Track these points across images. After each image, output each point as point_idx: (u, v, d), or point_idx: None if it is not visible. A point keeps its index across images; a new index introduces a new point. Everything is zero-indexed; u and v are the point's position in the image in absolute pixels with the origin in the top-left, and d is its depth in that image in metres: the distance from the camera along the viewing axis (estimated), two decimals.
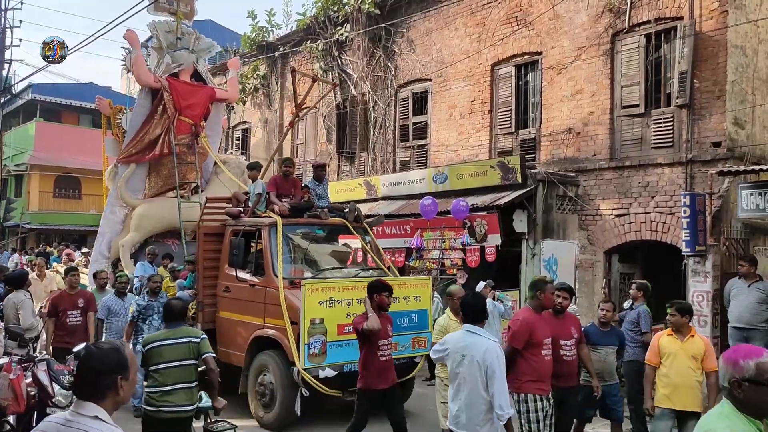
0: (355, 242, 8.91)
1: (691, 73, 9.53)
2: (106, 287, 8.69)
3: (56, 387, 5.60)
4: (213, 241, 8.53)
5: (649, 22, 10.18)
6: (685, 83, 9.54)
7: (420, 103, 14.21)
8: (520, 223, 10.47)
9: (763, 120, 10.10)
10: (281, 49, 17.32)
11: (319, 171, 8.84)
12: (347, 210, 8.50)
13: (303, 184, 8.85)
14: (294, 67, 10.83)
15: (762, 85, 10.09)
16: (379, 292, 5.81)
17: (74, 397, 2.33)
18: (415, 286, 7.71)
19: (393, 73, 14.54)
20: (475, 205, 10.54)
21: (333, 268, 8.01)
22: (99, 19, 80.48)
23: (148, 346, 4.86)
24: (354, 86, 15.30)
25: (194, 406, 4.91)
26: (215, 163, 12.15)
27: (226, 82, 14.15)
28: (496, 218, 10.33)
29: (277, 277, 7.30)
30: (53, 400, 5.51)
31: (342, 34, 15.15)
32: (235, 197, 8.88)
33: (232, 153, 17.63)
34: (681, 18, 9.79)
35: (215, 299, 8.32)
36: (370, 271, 8.18)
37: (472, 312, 4.48)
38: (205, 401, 5.14)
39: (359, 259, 8.98)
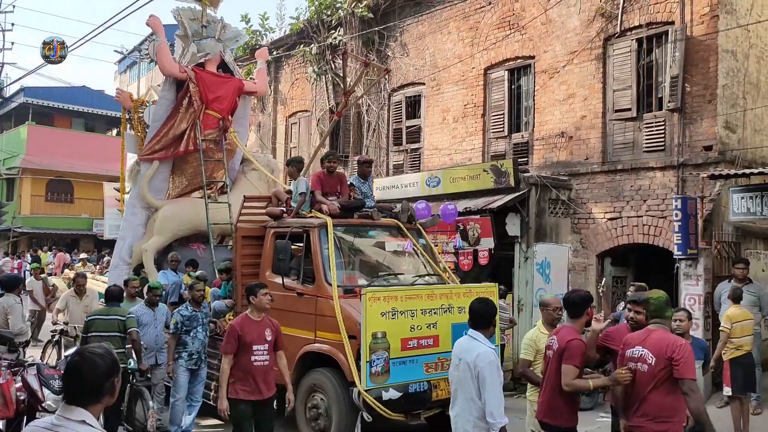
0: (394, 244, 7.91)
1: (683, 78, 9.59)
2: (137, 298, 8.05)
3: (46, 392, 5.56)
4: (252, 245, 7.74)
5: (640, 26, 10.24)
6: (676, 87, 9.59)
7: (413, 106, 14.24)
8: (513, 227, 10.48)
9: (754, 124, 10.17)
10: (275, 53, 17.32)
11: (365, 167, 8.05)
12: (398, 209, 7.75)
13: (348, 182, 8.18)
14: (345, 50, 9.86)
15: (753, 89, 10.16)
16: (255, 293, 5.49)
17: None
18: (481, 293, 6.85)
19: (386, 76, 14.55)
20: (468, 209, 10.56)
21: (389, 275, 7.27)
22: (90, 22, 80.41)
23: (88, 318, 6.68)
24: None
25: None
26: (242, 161, 11.31)
27: (253, 75, 13.01)
28: (489, 222, 10.34)
29: (330, 284, 6.53)
30: (43, 404, 5.48)
31: (335, 38, 15.17)
32: (275, 196, 8.19)
33: (258, 150, 16.50)
34: (672, 23, 9.85)
35: None
36: (426, 277, 7.40)
37: (476, 317, 4.36)
38: (133, 365, 6.73)
39: (402, 264, 8.00)
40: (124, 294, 7.80)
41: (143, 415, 6.63)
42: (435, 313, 6.44)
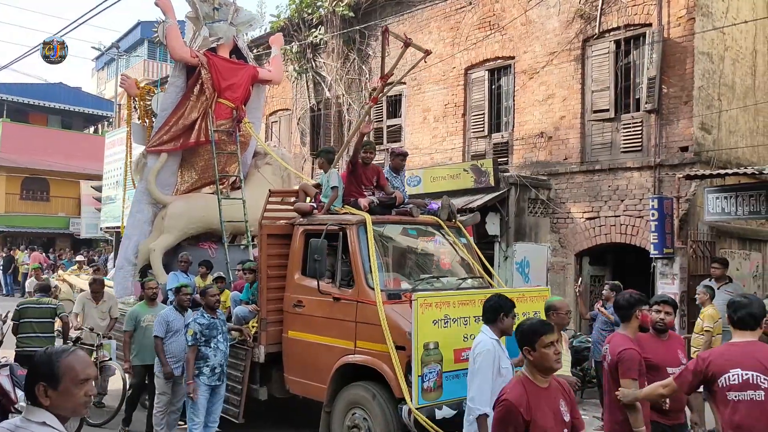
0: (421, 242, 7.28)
1: (660, 79, 9.71)
2: (157, 301, 7.47)
3: (20, 393, 5.46)
4: (278, 244, 6.96)
5: (618, 28, 10.35)
6: (653, 89, 9.71)
7: (394, 106, 14.24)
8: (492, 226, 10.54)
9: (729, 125, 10.33)
10: (255, 51, 17.20)
11: (400, 160, 7.41)
12: (439, 206, 7.11)
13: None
14: (387, 27, 8.64)
15: (728, 91, 10.33)
16: (533, 341, 4.95)
17: None
18: (534, 299, 6.10)
19: (367, 75, 14.54)
20: None
21: (432, 278, 6.60)
22: (65, 17, 79.25)
23: (20, 306, 7.43)
24: (328, 88, 15.28)
25: None
26: (254, 155, 10.58)
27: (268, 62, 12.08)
28: None
29: (372, 288, 5.86)
30: (16, 405, 5.38)
31: (316, 37, 15.12)
32: (303, 190, 7.47)
33: (270, 142, 15.61)
34: (650, 25, 9.97)
35: (281, 315, 6.81)
36: (470, 280, 6.76)
37: (483, 312, 4.56)
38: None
39: (444, 266, 7.28)
40: (142, 296, 7.49)
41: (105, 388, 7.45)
42: None
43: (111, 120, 31.03)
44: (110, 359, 8.05)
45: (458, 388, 5.32)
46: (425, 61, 9.38)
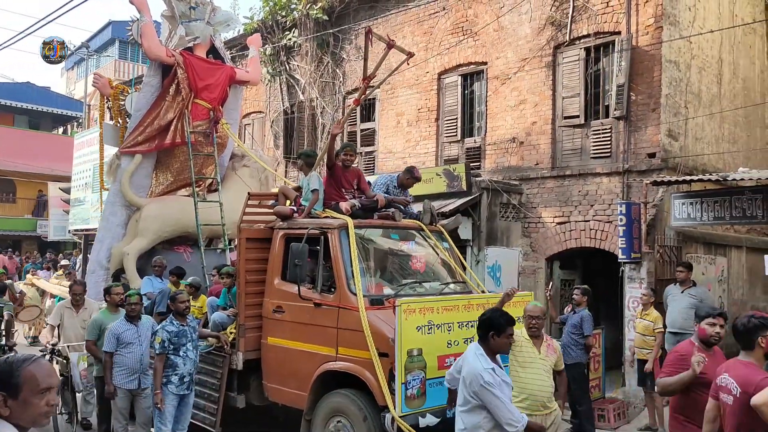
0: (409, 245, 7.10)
1: (628, 86, 9.87)
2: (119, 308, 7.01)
3: None
4: (257, 248, 6.82)
5: (588, 36, 10.50)
6: (622, 96, 9.87)
7: (368, 110, 14.24)
8: (464, 230, 10.58)
9: (695, 132, 10.55)
10: (228, 53, 17.06)
11: (412, 181, 7.37)
12: (420, 210, 7.08)
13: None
14: (370, 28, 8.62)
15: (694, 99, 10.54)
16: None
17: None
18: (516, 304, 5.93)
19: (341, 79, 14.53)
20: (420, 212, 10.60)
21: (415, 283, 6.51)
22: (33, 15, 77.67)
23: None
24: (302, 92, 15.22)
25: None
26: (231, 156, 10.40)
27: (245, 63, 12.02)
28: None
29: (354, 294, 5.78)
30: None
31: (290, 39, 15.06)
32: (282, 193, 7.36)
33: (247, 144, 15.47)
34: (619, 33, 10.13)
35: (259, 321, 6.69)
36: (453, 285, 6.71)
37: (477, 329, 4.40)
38: (5, 342, 7.80)
39: (427, 270, 7.09)
40: (106, 304, 7.08)
41: None
42: (472, 326, 5.53)
43: (81, 120, 30.49)
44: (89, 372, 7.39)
45: (442, 396, 5.24)
46: (408, 63, 9.42)
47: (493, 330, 4.16)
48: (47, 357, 7.29)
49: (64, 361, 7.31)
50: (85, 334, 7.08)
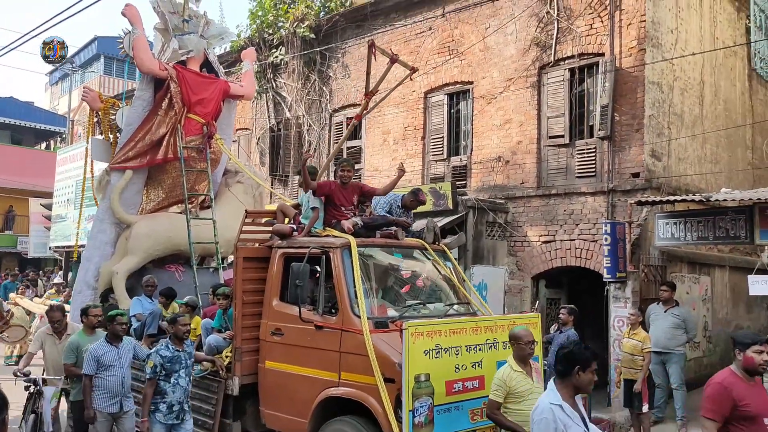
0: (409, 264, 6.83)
1: (612, 107, 9.98)
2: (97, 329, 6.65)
3: None
4: (255, 268, 6.60)
5: (573, 57, 10.62)
6: (606, 116, 9.97)
7: (354, 128, 14.23)
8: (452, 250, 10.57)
9: (678, 152, 10.67)
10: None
11: (417, 203, 7.19)
12: (422, 228, 6.88)
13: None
14: (373, 41, 8.45)
15: (677, 120, 10.68)
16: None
17: None
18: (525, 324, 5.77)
19: (328, 97, 14.55)
20: None
21: (419, 304, 6.26)
22: (16, 30, 77.24)
23: None
24: (288, 109, 15.22)
25: None
26: (225, 172, 10.22)
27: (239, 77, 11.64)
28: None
29: (357, 316, 5.55)
30: None
31: (277, 57, 15.08)
32: (281, 211, 7.19)
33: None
34: (602, 54, 10.26)
35: (257, 344, 6.45)
36: (457, 306, 6.52)
37: (555, 361, 4.06)
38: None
39: (431, 291, 6.92)
40: (82, 326, 6.66)
41: None
42: (480, 349, 5.55)
43: (64, 136, 30.21)
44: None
45: (450, 423, 5.09)
46: (411, 78, 9.32)
47: (579, 365, 3.62)
48: (31, 388, 6.93)
49: (37, 396, 6.82)
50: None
